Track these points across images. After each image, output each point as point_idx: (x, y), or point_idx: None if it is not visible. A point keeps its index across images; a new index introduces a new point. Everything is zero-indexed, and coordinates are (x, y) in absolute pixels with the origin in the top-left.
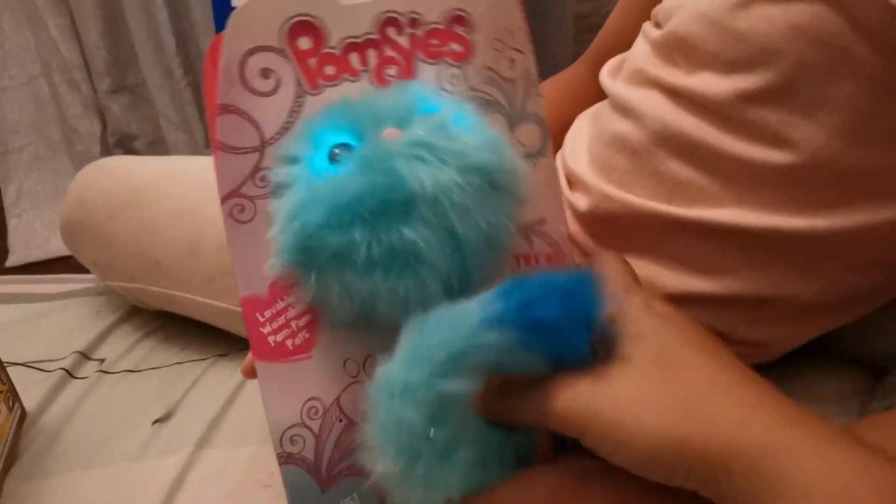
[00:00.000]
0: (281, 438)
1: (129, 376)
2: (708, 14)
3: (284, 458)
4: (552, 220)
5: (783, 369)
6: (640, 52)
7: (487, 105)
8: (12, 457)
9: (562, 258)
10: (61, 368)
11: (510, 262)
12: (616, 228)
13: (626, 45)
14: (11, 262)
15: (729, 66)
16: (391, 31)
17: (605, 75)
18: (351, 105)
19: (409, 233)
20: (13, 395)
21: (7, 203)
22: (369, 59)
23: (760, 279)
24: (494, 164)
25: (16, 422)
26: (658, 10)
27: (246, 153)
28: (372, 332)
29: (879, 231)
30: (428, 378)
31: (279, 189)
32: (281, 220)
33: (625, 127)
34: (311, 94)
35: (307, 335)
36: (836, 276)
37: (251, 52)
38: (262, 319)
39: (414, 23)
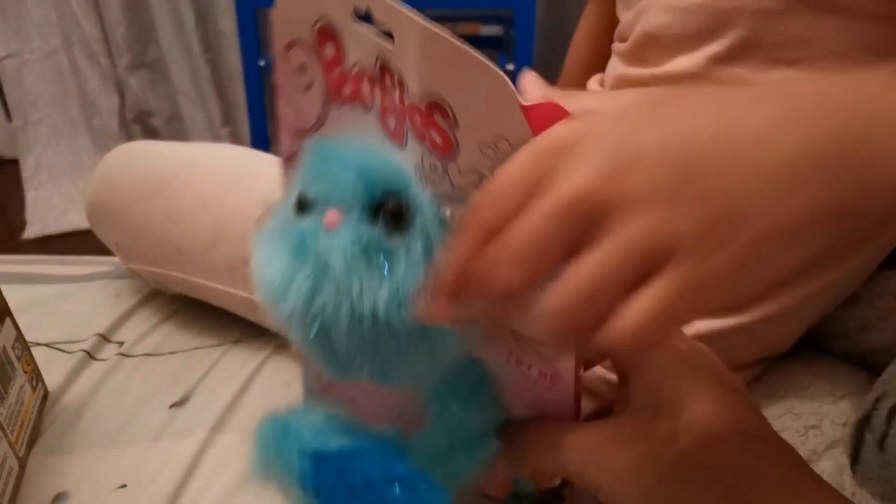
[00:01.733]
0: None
1: (148, 359)
2: (667, 3)
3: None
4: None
5: (779, 372)
6: (614, 66)
7: None
8: (35, 434)
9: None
10: (82, 350)
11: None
12: None
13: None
14: (30, 234)
15: (696, 41)
16: (388, 81)
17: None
18: (330, 156)
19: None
20: (37, 375)
21: (25, 175)
22: (376, 97)
23: None
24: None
25: (39, 400)
26: (620, 29)
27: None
28: None
29: None
30: None
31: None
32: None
33: None
34: (335, 108)
35: None
36: None
37: (291, 45)
38: None
39: (402, 86)
